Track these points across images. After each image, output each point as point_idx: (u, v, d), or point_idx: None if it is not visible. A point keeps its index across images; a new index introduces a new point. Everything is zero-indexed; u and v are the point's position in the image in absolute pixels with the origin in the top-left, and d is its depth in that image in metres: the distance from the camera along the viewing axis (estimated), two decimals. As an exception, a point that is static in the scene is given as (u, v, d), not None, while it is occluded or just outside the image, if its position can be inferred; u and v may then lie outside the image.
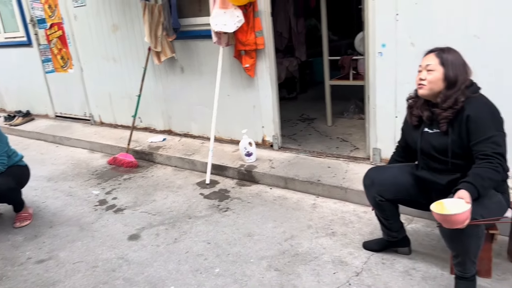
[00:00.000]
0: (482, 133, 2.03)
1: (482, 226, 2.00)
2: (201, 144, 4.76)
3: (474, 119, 2.05)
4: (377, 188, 2.39)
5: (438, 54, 2.14)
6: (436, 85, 2.13)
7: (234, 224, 3.19)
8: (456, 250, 2.09)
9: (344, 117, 5.47)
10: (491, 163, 1.97)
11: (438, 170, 2.23)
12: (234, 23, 3.73)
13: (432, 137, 2.21)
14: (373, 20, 3.32)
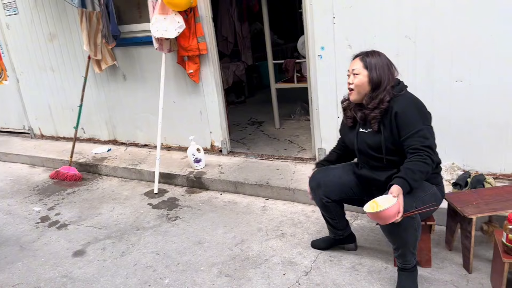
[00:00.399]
0: (410, 128, 2.12)
1: (418, 218, 2.09)
2: (148, 152, 4.66)
3: (401, 116, 2.14)
4: (323, 190, 2.44)
5: (362, 58, 2.23)
6: (363, 88, 2.22)
7: (184, 233, 3.14)
8: (395, 243, 2.17)
9: (292, 119, 5.56)
10: (420, 156, 2.05)
11: (376, 167, 2.31)
12: (175, 29, 3.69)
13: (367, 136, 2.29)
14: (312, 23, 3.40)
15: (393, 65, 2.26)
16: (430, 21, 2.97)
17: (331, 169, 2.52)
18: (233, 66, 6.65)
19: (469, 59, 2.92)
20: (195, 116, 4.33)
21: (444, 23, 2.93)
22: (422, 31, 3.02)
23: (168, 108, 4.38)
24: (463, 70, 2.96)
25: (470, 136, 3.06)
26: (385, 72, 2.21)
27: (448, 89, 3.04)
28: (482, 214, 2.26)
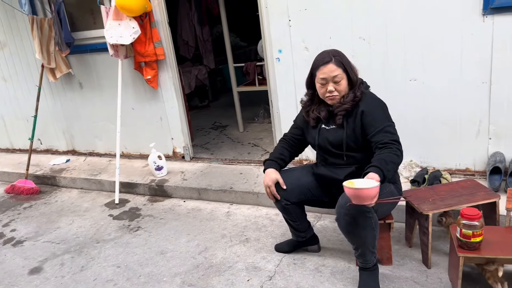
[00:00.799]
0: (377, 125, 2.15)
1: (375, 217, 2.11)
2: (108, 162, 4.54)
3: (368, 114, 2.18)
4: (283, 193, 2.43)
5: (338, 62, 2.18)
6: (345, 91, 2.23)
7: (146, 244, 3.07)
8: (354, 242, 2.18)
9: (255, 122, 5.55)
10: (391, 149, 2.08)
11: (335, 164, 2.32)
12: (130, 35, 3.61)
13: (329, 132, 2.30)
14: (268, 26, 3.40)
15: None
16: (382, 23, 3.03)
17: (289, 171, 2.51)
18: (195, 70, 6.59)
19: (421, 59, 2.99)
20: (156, 122, 4.25)
21: (396, 24, 2.99)
22: (376, 33, 3.07)
23: (127, 116, 4.28)
24: (416, 69, 3.03)
25: (426, 133, 3.14)
26: (355, 70, 2.25)
27: (403, 88, 3.10)
28: (438, 210, 2.31)
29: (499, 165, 2.87)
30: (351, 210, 2.04)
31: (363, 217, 2.04)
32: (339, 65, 2.18)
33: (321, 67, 2.19)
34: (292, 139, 2.53)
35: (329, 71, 2.17)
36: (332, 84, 2.19)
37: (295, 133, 2.52)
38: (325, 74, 2.18)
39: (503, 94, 2.86)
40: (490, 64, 2.83)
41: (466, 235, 1.98)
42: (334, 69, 2.17)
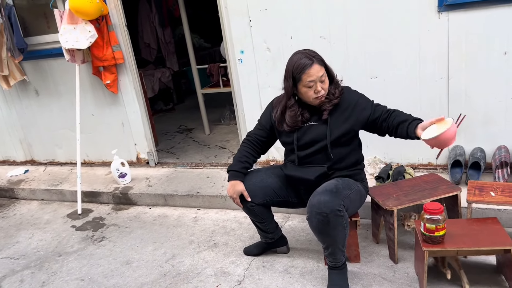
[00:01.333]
0: (369, 105, 2.26)
1: (346, 216, 2.11)
2: (69, 171, 4.38)
3: (359, 101, 2.25)
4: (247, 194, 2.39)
5: (319, 61, 2.16)
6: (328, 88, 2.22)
7: (111, 254, 2.97)
8: (325, 241, 2.18)
9: (222, 123, 5.50)
10: (394, 111, 2.23)
11: (307, 163, 2.30)
12: (87, 39, 3.48)
13: (309, 129, 2.27)
14: (229, 27, 3.36)
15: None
16: (342, 22, 3.04)
17: (253, 173, 2.48)
18: (158, 73, 6.47)
19: (381, 56, 3.03)
20: (117, 128, 4.13)
21: (355, 23, 3.02)
22: (336, 32, 3.08)
23: (87, 122, 4.14)
24: (376, 67, 3.07)
25: (388, 130, 3.18)
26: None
27: (365, 86, 3.09)
28: (402, 205, 2.33)
29: (459, 158, 2.94)
30: (323, 209, 2.04)
31: (335, 216, 2.04)
32: (321, 65, 2.16)
33: (307, 70, 2.12)
34: (257, 141, 2.47)
35: (316, 72, 2.12)
36: (319, 84, 2.15)
37: (260, 134, 2.47)
38: (313, 76, 2.12)
39: (460, 89, 2.93)
40: (447, 59, 2.89)
41: (430, 230, 2.01)
42: (319, 69, 2.14)
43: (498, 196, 2.26)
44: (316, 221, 2.09)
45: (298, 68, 2.14)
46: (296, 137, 2.29)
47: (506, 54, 2.76)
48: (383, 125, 2.22)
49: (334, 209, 2.03)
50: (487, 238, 2.04)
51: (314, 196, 2.11)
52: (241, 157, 2.44)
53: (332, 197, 2.06)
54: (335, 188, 2.13)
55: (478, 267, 2.28)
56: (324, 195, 2.08)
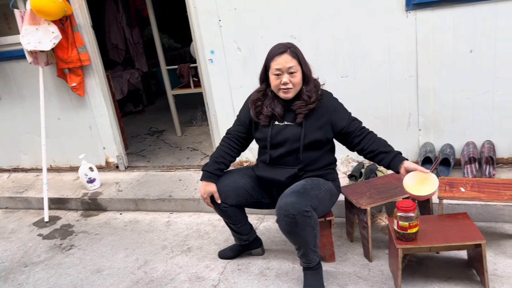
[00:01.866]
0: (345, 117, 2.25)
1: (315, 216, 2.10)
2: (35, 177, 4.22)
3: (337, 110, 2.24)
4: (220, 196, 2.35)
5: (292, 53, 2.13)
6: (299, 85, 2.17)
7: (80, 263, 2.86)
8: (296, 243, 2.17)
9: (194, 125, 5.43)
10: (370, 132, 2.26)
11: (279, 164, 2.27)
12: (50, 40, 3.35)
13: (285, 130, 2.23)
14: (198, 27, 3.31)
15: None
16: (312, 22, 3.05)
17: (226, 174, 2.44)
18: (126, 74, 6.33)
19: (351, 55, 3.05)
20: (85, 132, 4.01)
21: (325, 22, 3.02)
22: (306, 31, 3.08)
23: (53, 127, 4.00)
24: (347, 66, 3.08)
25: (360, 128, 3.20)
26: (309, 65, 2.21)
27: (335, 85, 3.11)
28: (375, 204, 2.34)
29: (429, 155, 2.98)
30: (291, 211, 2.02)
31: (302, 217, 2.02)
32: (294, 57, 2.12)
33: (276, 57, 2.12)
34: (236, 137, 2.40)
35: (284, 61, 2.11)
36: (287, 76, 2.11)
37: (239, 130, 2.41)
38: (280, 65, 2.11)
39: (429, 87, 2.98)
40: (416, 58, 2.93)
41: (403, 227, 2.02)
42: (289, 60, 2.11)
43: (468, 192, 2.30)
44: (284, 223, 2.08)
45: (270, 55, 2.17)
46: (270, 134, 2.26)
47: (472, 52, 2.82)
48: (354, 141, 2.24)
49: (301, 210, 2.02)
50: (458, 234, 2.07)
51: (281, 198, 2.09)
52: (217, 157, 2.38)
53: (299, 198, 2.05)
54: (302, 189, 2.12)
55: (450, 262, 2.32)
56: (291, 196, 2.06)
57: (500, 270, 2.21)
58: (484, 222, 2.63)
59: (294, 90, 2.16)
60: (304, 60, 2.19)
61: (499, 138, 2.96)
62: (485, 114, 2.93)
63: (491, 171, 2.83)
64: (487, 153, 2.85)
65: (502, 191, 2.27)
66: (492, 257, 2.31)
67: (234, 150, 2.41)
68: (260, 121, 2.28)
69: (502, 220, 2.61)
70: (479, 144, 3.00)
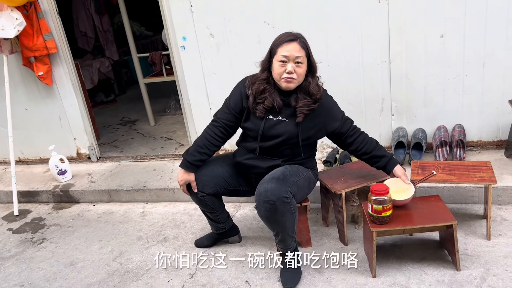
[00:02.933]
0: (339, 116, 2.25)
1: (294, 202, 2.10)
2: (3, 170, 4.08)
3: (333, 111, 2.24)
4: (197, 184, 2.32)
5: (302, 43, 2.06)
6: (302, 78, 2.10)
7: (53, 256, 2.79)
8: (274, 229, 2.17)
9: (167, 114, 5.36)
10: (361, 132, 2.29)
11: (264, 155, 2.25)
12: (14, 27, 3.22)
13: (278, 124, 2.17)
14: (169, 13, 3.23)
15: None
16: (286, 7, 3.02)
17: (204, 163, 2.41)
18: (96, 63, 6.17)
19: (325, 41, 3.04)
20: (54, 123, 3.89)
21: (298, 8, 3.00)
22: (280, 17, 3.05)
23: (21, 117, 3.87)
24: (320, 52, 3.06)
25: (334, 114, 3.21)
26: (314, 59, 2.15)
27: (310, 71, 3.13)
28: (350, 188, 2.37)
29: (402, 139, 3.03)
30: (271, 197, 2.01)
31: (282, 203, 2.02)
32: (303, 47, 2.06)
33: (285, 44, 2.04)
34: (223, 126, 2.27)
35: (292, 49, 2.03)
36: (293, 65, 2.04)
37: (227, 119, 2.27)
38: (288, 52, 2.03)
39: (401, 72, 3.01)
40: (388, 43, 2.95)
41: (377, 210, 2.05)
42: (298, 49, 2.03)
43: (440, 175, 2.34)
44: (264, 209, 2.07)
45: (278, 41, 2.09)
46: (263, 128, 2.18)
47: (443, 37, 2.86)
48: (347, 141, 2.26)
49: (281, 196, 2.02)
50: (430, 216, 2.11)
51: (261, 184, 2.08)
52: (201, 146, 2.26)
53: (279, 184, 2.04)
54: (282, 175, 2.11)
55: (423, 244, 2.37)
56: (270, 183, 2.05)
57: (470, 250, 2.27)
58: (455, 204, 2.70)
59: (297, 81, 2.09)
60: (312, 54, 2.13)
61: (469, 121, 3.04)
62: (455, 98, 2.99)
63: (461, 154, 2.90)
64: (458, 136, 2.91)
65: (472, 173, 2.32)
66: (462, 237, 2.37)
67: (219, 140, 2.29)
68: (257, 111, 2.17)
69: (472, 202, 2.69)
70: (450, 128, 3.06)
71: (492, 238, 2.34)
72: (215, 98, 3.38)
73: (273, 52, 2.11)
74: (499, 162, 2.87)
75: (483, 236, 2.37)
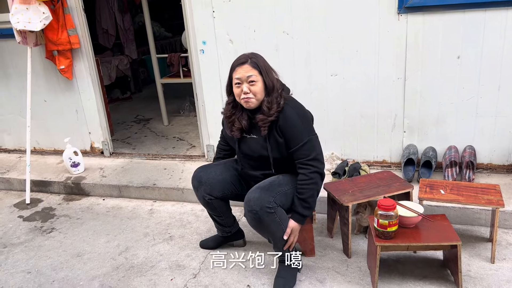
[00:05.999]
0: (296, 141, 2.15)
1: (280, 211, 2.14)
2: (18, 158, 4.17)
3: (286, 129, 2.14)
4: (205, 187, 2.37)
5: (253, 63, 2.12)
6: (261, 95, 2.14)
7: (61, 246, 2.85)
8: (265, 236, 2.24)
9: (181, 115, 5.42)
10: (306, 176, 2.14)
11: (257, 168, 2.32)
12: (40, 21, 3.31)
13: (251, 142, 2.25)
14: (192, 17, 3.30)
15: (273, 69, 2.22)
16: (305, 19, 3.06)
17: (212, 166, 2.46)
18: (115, 60, 6.27)
19: (342, 54, 3.08)
20: (71, 116, 3.97)
21: (318, 20, 3.04)
22: (299, 28, 3.10)
23: (39, 108, 3.96)
24: (337, 64, 3.11)
25: (346, 127, 3.24)
26: (273, 74, 2.18)
27: (324, 82, 3.17)
28: (357, 201, 2.39)
29: (412, 157, 3.04)
30: (253, 206, 2.07)
31: (264, 213, 2.07)
32: (254, 67, 2.12)
33: (237, 68, 2.14)
34: (221, 148, 2.58)
35: (244, 71, 2.11)
36: (247, 85, 2.11)
37: (223, 143, 2.56)
38: (239, 74, 2.12)
39: (416, 90, 3.03)
40: (405, 60, 2.98)
41: (383, 225, 2.07)
42: (249, 70, 2.11)
43: (447, 194, 2.35)
44: (249, 218, 2.13)
45: (232, 66, 2.18)
46: (238, 146, 2.31)
47: (459, 58, 2.87)
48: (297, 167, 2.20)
49: (263, 206, 2.06)
50: (436, 234, 2.12)
51: (248, 193, 2.14)
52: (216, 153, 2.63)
53: (263, 194, 2.09)
54: (269, 184, 2.16)
55: (426, 262, 2.38)
56: (254, 192, 2.11)
57: (473, 272, 2.28)
58: (461, 225, 2.70)
59: (255, 100, 2.14)
60: (267, 70, 2.16)
61: (480, 144, 3.04)
62: (468, 119, 3.00)
63: (470, 176, 2.90)
64: (468, 158, 2.92)
65: (480, 195, 2.33)
66: (466, 258, 2.38)
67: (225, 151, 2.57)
68: (234, 135, 2.28)
69: (478, 224, 2.69)
70: (461, 148, 3.07)
71: (496, 262, 2.34)
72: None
73: (230, 78, 2.20)
74: (508, 186, 2.86)
75: (487, 259, 2.37)
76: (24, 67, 3.63)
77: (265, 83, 2.14)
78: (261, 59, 2.18)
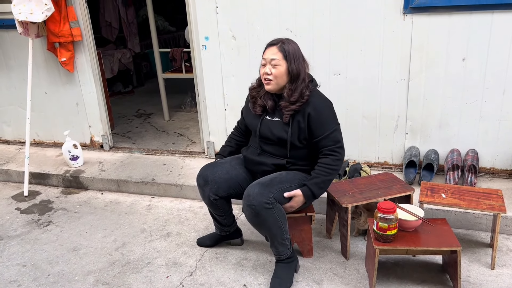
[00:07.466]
0: (325, 129, 2.16)
1: (278, 207, 2.11)
2: (17, 150, 4.16)
3: (315, 117, 2.15)
4: (211, 187, 2.33)
5: (281, 47, 2.13)
6: (282, 79, 2.15)
7: (57, 240, 2.84)
8: (263, 233, 2.22)
9: (182, 110, 5.39)
10: (335, 156, 2.17)
11: (272, 153, 2.28)
12: (42, 12, 3.28)
13: (273, 125, 2.24)
14: (195, 12, 3.26)
15: (306, 59, 2.22)
16: (309, 17, 3.03)
17: (218, 164, 2.42)
18: (118, 53, 6.23)
19: (345, 54, 3.04)
20: (71, 108, 3.95)
21: (322, 19, 3.01)
22: (302, 26, 3.06)
23: (40, 100, 3.94)
24: (340, 64, 3.08)
25: (348, 127, 3.21)
26: (302, 65, 2.17)
27: (328, 82, 3.14)
28: (356, 203, 2.36)
29: (414, 159, 3.01)
30: (252, 201, 2.06)
31: (262, 208, 2.05)
32: (280, 51, 2.13)
33: (266, 48, 2.19)
34: (238, 128, 2.56)
35: (270, 53, 2.15)
36: (269, 67, 2.14)
37: (241, 121, 2.53)
38: (266, 55, 2.16)
39: (419, 91, 2.99)
40: (409, 61, 2.94)
41: (382, 228, 2.04)
42: (275, 53, 2.13)
43: (449, 198, 2.33)
44: (247, 213, 2.12)
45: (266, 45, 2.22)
46: (259, 127, 2.28)
47: (464, 60, 2.84)
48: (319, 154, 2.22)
49: (261, 201, 2.05)
50: (435, 239, 2.10)
51: (248, 188, 2.13)
52: (225, 142, 2.59)
53: (262, 189, 2.08)
54: (269, 180, 2.15)
55: (425, 266, 2.35)
56: (254, 187, 2.10)
57: (472, 277, 2.25)
58: (461, 229, 2.67)
59: (274, 83, 2.16)
60: (295, 58, 2.15)
61: (483, 147, 3.00)
62: (472, 123, 2.97)
63: (472, 180, 2.87)
64: (471, 161, 2.89)
65: (482, 200, 2.30)
66: (466, 264, 2.35)
67: (240, 138, 2.55)
68: (255, 110, 2.30)
69: (479, 229, 2.66)
70: (464, 152, 3.04)
71: (496, 268, 2.31)
72: (231, 100, 3.41)
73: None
74: (510, 191, 2.83)
75: (487, 264, 2.35)
76: (25, 59, 3.61)
77: (288, 70, 2.14)
78: (293, 46, 2.18)
